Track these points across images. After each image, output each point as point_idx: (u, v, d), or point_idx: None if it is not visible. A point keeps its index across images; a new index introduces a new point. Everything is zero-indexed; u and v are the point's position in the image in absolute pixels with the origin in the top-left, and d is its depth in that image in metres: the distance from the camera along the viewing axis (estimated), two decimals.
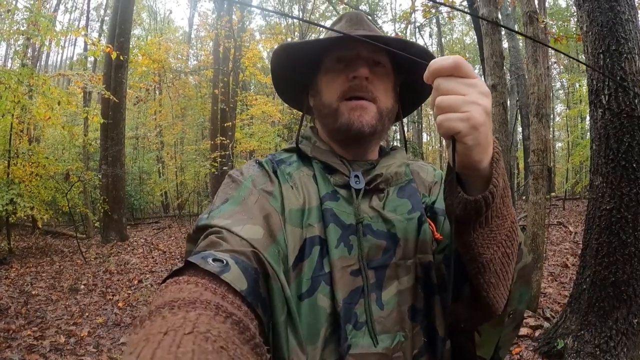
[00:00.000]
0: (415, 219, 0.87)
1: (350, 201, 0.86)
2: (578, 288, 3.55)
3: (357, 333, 0.77)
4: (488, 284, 0.72)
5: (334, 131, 0.93)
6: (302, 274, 0.77)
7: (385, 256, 0.83)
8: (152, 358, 0.40)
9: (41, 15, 6.81)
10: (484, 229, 0.68)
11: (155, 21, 26.45)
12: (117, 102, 10.28)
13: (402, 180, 0.93)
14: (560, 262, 6.63)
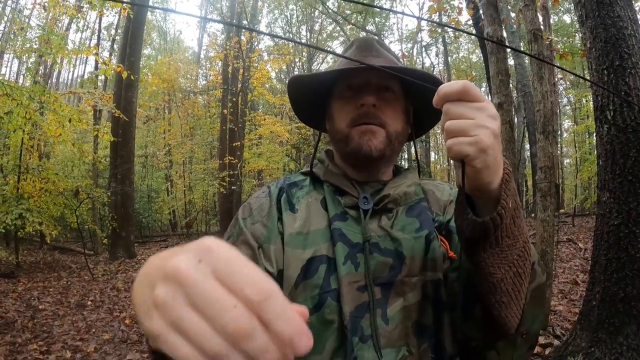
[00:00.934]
0: (423, 237, 0.89)
1: (359, 221, 0.90)
2: (588, 305, 3.50)
3: (363, 346, 0.80)
4: (499, 303, 0.72)
5: (346, 155, 0.98)
6: (308, 291, 0.83)
7: (391, 273, 0.85)
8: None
9: (53, 33, 6.97)
10: (494, 249, 0.68)
11: (165, 41, 26.94)
12: (127, 120, 10.42)
13: (412, 200, 0.96)
14: (570, 280, 6.54)
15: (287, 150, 16.18)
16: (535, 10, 5.26)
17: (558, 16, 17.63)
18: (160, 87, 18.64)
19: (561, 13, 17.60)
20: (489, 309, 0.73)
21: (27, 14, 9.75)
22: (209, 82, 20.22)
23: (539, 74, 5.13)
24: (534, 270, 0.79)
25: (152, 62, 21.82)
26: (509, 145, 5.35)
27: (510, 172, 0.68)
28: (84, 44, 10.69)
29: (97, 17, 13.28)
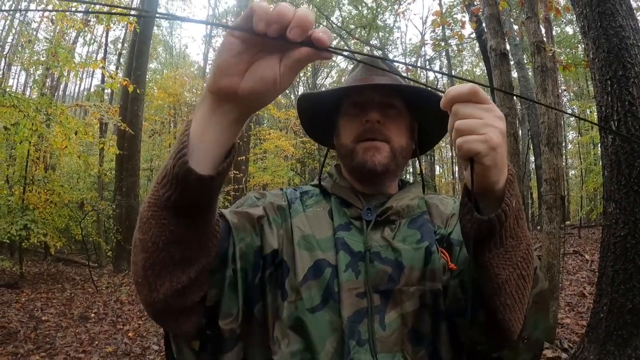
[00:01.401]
0: (423, 248, 0.92)
1: (362, 231, 0.94)
2: (595, 317, 3.46)
3: (360, 349, 0.83)
4: (504, 305, 0.74)
5: (352, 169, 1.03)
6: (313, 290, 0.87)
7: (390, 282, 0.88)
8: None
9: (61, 46, 7.06)
10: (499, 249, 0.70)
11: (171, 55, 27.21)
12: (132, 133, 10.49)
13: (415, 213, 0.99)
14: (577, 292, 6.47)
15: (292, 165, 16.20)
16: (538, 22, 5.30)
17: (560, 28, 17.71)
18: (166, 101, 18.77)
19: (563, 24, 17.69)
20: (494, 312, 0.75)
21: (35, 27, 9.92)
22: None
23: (543, 86, 5.15)
24: (536, 275, 0.81)
25: (158, 76, 22.05)
26: (514, 157, 5.34)
27: (514, 174, 0.71)
28: (91, 57, 10.86)
29: (104, 31, 13.48)
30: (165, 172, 0.65)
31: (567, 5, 6.65)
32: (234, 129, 0.66)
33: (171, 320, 0.79)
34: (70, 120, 7.56)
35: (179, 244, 0.70)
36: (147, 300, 0.74)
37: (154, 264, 0.70)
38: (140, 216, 0.70)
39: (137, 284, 0.74)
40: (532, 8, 5.21)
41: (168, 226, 0.67)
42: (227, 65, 0.60)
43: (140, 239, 0.70)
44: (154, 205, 0.67)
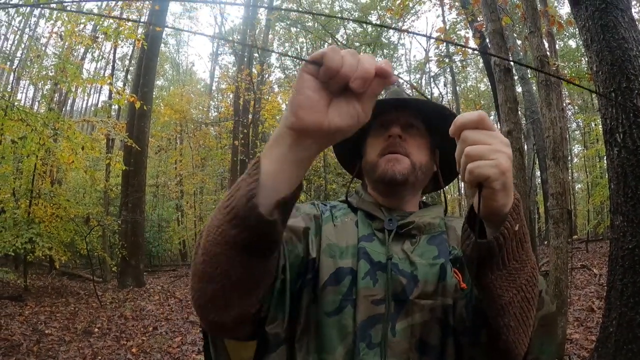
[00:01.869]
0: (439, 265, 0.96)
1: (384, 242, 1.00)
2: (605, 331, 3.42)
3: (369, 352, 0.88)
4: (507, 327, 0.75)
5: (375, 182, 1.10)
6: (331, 295, 0.92)
7: (404, 293, 0.92)
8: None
9: (69, 62, 7.18)
10: (501, 271, 0.72)
11: (177, 73, 27.58)
12: (139, 150, 10.54)
13: (435, 231, 1.04)
14: (585, 306, 6.39)
15: None
16: (541, 37, 5.32)
17: (564, 42, 17.80)
18: (173, 118, 18.94)
19: (566, 38, 17.78)
20: (497, 332, 0.76)
21: (43, 42, 10.08)
22: (221, 114, 20.53)
23: (547, 100, 5.15)
24: (541, 298, 0.83)
25: (165, 93, 22.29)
26: (520, 172, 5.31)
27: (520, 200, 0.73)
28: (99, 73, 11.02)
29: (111, 47, 13.67)
30: (233, 212, 0.65)
31: (569, 19, 6.69)
32: (307, 166, 0.69)
33: (228, 332, 0.86)
34: (77, 135, 7.63)
35: (251, 276, 0.75)
36: (217, 322, 0.79)
37: (226, 293, 0.74)
38: (205, 250, 0.72)
39: (203, 309, 0.78)
40: (535, 23, 5.23)
41: (240, 262, 0.70)
42: (312, 103, 0.62)
43: (208, 272, 0.72)
44: (224, 244, 0.68)
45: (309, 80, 0.62)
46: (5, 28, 9.45)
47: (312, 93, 0.62)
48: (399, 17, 11.97)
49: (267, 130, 18.69)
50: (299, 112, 0.62)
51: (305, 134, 0.64)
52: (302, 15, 19.57)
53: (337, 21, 20.27)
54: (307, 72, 0.62)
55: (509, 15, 7.45)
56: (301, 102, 0.62)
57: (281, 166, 0.65)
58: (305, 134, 0.64)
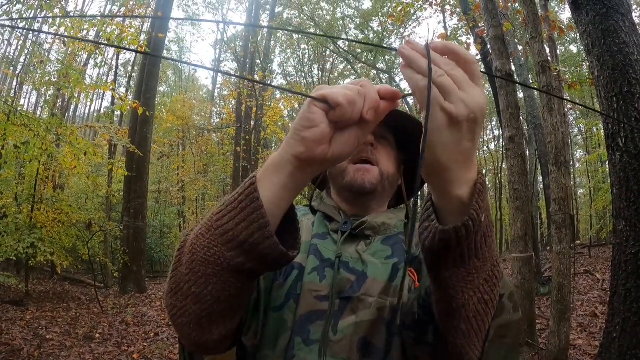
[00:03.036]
0: (391, 264, 0.94)
1: (337, 242, 0.99)
2: (608, 337, 3.39)
3: (305, 348, 0.85)
4: (457, 329, 0.69)
5: (341, 189, 1.08)
6: (277, 291, 0.92)
7: (351, 289, 0.91)
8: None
9: (72, 68, 7.22)
10: (459, 268, 0.63)
11: (180, 79, 27.67)
12: (141, 155, 10.57)
13: (390, 232, 1.03)
14: (589, 312, 6.36)
15: None
16: (542, 42, 5.33)
17: (565, 47, 17.81)
18: (175, 124, 19.00)
19: (568, 43, 17.79)
20: (445, 334, 0.70)
21: (47, 48, 10.15)
22: (223, 120, 20.55)
23: (549, 106, 5.15)
24: (501, 303, 0.76)
25: (167, 99, 22.36)
26: (522, 178, 5.30)
27: (485, 183, 0.63)
28: (102, 79, 11.04)
29: (114, 54, 13.76)
30: (234, 239, 0.66)
31: (570, 24, 6.70)
32: (300, 190, 0.70)
33: (209, 350, 0.84)
34: (80, 141, 7.66)
35: (241, 295, 0.75)
36: (198, 341, 0.77)
37: (212, 313, 0.73)
38: (191, 268, 0.71)
39: (185, 326, 0.75)
40: (536, 28, 5.25)
41: (234, 284, 0.70)
42: (323, 136, 0.63)
43: (194, 292, 0.71)
44: (217, 265, 0.68)
45: (320, 113, 0.63)
46: (8, 33, 9.51)
47: (325, 127, 0.63)
48: (400, 23, 12.01)
49: (269, 137, 18.73)
50: (309, 143, 0.63)
51: (310, 163, 0.65)
52: (303, 22, 19.68)
53: (339, 28, 20.37)
54: (317, 105, 0.63)
55: (510, 21, 7.46)
56: (314, 135, 0.63)
57: (282, 194, 0.67)
58: (309, 164, 0.65)
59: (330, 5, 20.54)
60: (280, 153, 0.66)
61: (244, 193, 0.66)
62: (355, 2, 20.60)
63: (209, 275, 0.69)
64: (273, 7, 19.40)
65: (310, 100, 0.63)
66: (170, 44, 23.56)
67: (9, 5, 6.29)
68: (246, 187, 0.66)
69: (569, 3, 3.94)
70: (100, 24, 7.90)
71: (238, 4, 25.42)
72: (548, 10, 6.81)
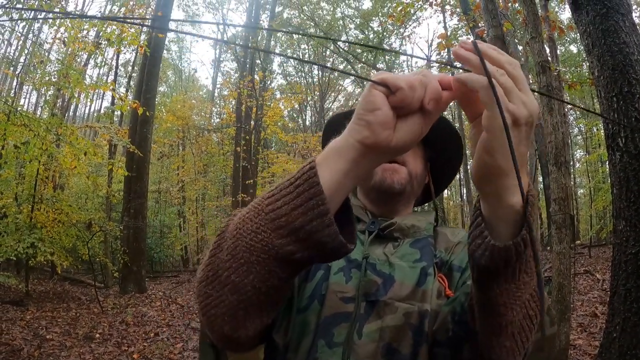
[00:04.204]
0: (419, 268, 0.92)
1: (364, 243, 0.97)
2: (608, 337, 3.39)
3: (328, 351, 0.83)
4: (501, 347, 0.67)
5: (368, 189, 1.07)
6: (302, 292, 0.90)
7: (377, 292, 0.88)
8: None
9: (72, 68, 7.23)
10: (510, 284, 0.62)
11: (180, 79, 27.68)
12: (141, 156, 10.57)
13: (420, 234, 1.01)
14: (589, 312, 6.36)
15: None
16: (542, 42, 5.33)
17: (565, 47, 17.83)
18: (175, 124, 19.00)
19: (567, 43, 17.81)
20: (488, 351, 0.69)
21: (47, 48, 10.15)
22: (223, 120, 20.56)
23: (549, 106, 5.14)
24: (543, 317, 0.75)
25: (167, 100, 22.36)
26: None
27: (535, 194, 0.61)
28: (102, 79, 11.04)
29: (114, 54, 13.74)
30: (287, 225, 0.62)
31: (570, 24, 6.71)
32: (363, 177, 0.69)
33: (239, 347, 0.79)
34: (80, 141, 7.66)
35: (281, 289, 0.70)
36: (230, 336, 0.72)
37: (250, 306, 0.69)
38: (233, 255, 0.66)
39: (218, 317, 0.70)
40: (536, 28, 5.24)
41: (279, 274, 0.65)
42: (387, 119, 0.59)
43: (234, 281, 0.66)
44: (263, 252, 0.63)
45: (381, 96, 0.59)
46: (8, 33, 9.51)
47: (387, 110, 0.59)
48: (400, 23, 12.01)
49: (269, 137, 18.73)
50: (374, 127, 0.59)
51: (374, 149, 0.61)
52: (304, 22, 19.69)
53: (339, 27, 20.37)
54: (377, 89, 0.59)
55: (510, 20, 7.47)
56: (378, 118, 0.59)
57: (343, 181, 0.62)
58: (374, 150, 0.61)
59: (330, 5, 20.55)
60: (344, 137, 0.62)
61: (302, 177, 0.61)
62: (355, 2, 20.61)
63: (252, 262, 0.64)
64: (273, 7, 19.39)
65: (371, 84, 0.60)
66: (171, 44, 23.59)
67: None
68: (305, 171, 0.62)
69: (569, 3, 3.94)
70: (100, 24, 7.90)
71: (238, 4, 25.42)
72: (548, 10, 6.81)
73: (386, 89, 0.59)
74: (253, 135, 15.56)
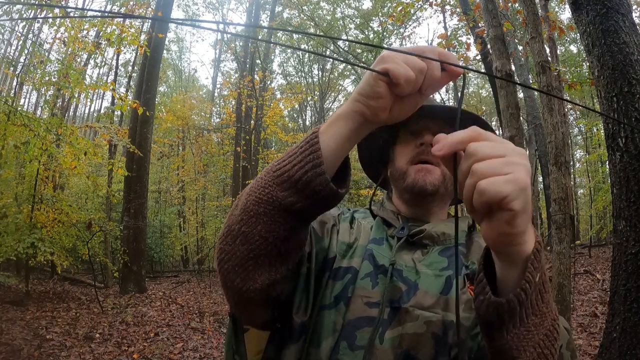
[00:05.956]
0: (445, 277, 0.91)
1: (392, 248, 0.98)
2: (608, 337, 3.39)
3: (350, 353, 0.84)
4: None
5: (402, 191, 1.07)
6: (330, 290, 0.91)
7: (400, 299, 0.89)
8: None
9: (72, 68, 7.22)
10: (519, 329, 0.63)
11: (180, 79, 27.68)
12: (141, 156, 10.57)
13: (450, 242, 0.99)
14: (589, 312, 6.37)
15: None
16: (542, 42, 5.33)
17: (565, 47, 17.80)
18: (175, 124, 18.97)
19: (567, 43, 17.79)
20: None
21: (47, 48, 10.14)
22: (223, 120, 20.51)
23: (549, 106, 5.14)
24: (560, 353, 0.75)
25: (167, 99, 22.35)
26: None
27: (542, 243, 0.64)
28: (102, 79, 11.02)
29: (114, 54, 13.73)
30: (289, 179, 0.72)
31: (570, 24, 6.71)
32: (359, 140, 0.77)
33: (250, 310, 0.86)
34: (80, 141, 7.64)
35: (287, 240, 0.77)
36: (241, 288, 0.79)
37: (259, 255, 0.77)
38: (245, 209, 0.77)
39: (230, 271, 0.79)
40: (536, 28, 5.25)
41: (283, 224, 0.75)
42: (385, 105, 0.70)
43: (244, 231, 0.76)
44: (269, 205, 0.74)
45: (384, 87, 0.68)
46: (9, 33, 9.50)
47: (388, 99, 0.69)
48: (400, 23, 12.01)
49: (269, 137, 18.71)
50: (374, 110, 0.70)
51: (371, 122, 0.73)
52: (303, 22, 19.68)
53: (339, 27, 20.37)
54: (382, 80, 0.67)
55: (510, 21, 7.47)
56: (379, 104, 0.70)
57: (342, 144, 0.73)
58: (371, 123, 0.73)
59: (330, 5, 20.54)
60: (347, 107, 0.73)
61: (306, 141, 0.74)
62: (355, 2, 20.60)
63: (260, 214, 0.74)
64: (273, 7, 19.39)
65: (375, 74, 0.68)
66: (171, 44, 23.60)
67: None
68: (309, 138, 0.73)
69: (569, 3, 3.94)
70: (101, 24, 7.90)
71: (238, 4, 25.42)
72: (548, 10, 6.81)
73: (387, 78, 0.66)
74: (253, 135, 15.54)
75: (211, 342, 6.72)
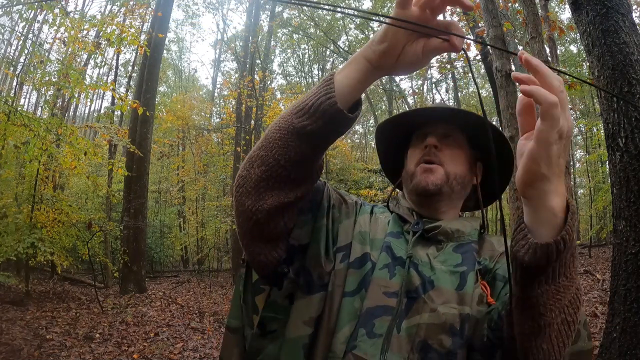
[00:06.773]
0: (459, 272, 0.94)
1: (409, 241, 1.01)
2: (608, 337, 3.39)
3: (368, 340, 0.87)
4: (539, 349, 0.71)
5: (410, 191, 1.11)
6: (353, 277, 0.95)
7: (417, 292, 0.91)
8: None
9: (72, 68, 7.20)
10: (550, 285, 0.67)
11: (180, 79, 27.67)
12: (141, 155, 10.56)
13: (463, 239, 1.02)
14: (589, 312, 6.36)
15: None
16: (542, 42, 5.34)
17: (565, 47, 17.77)
18: (175, 124, 18.97)
19: (567, 43, 17.76)
20: (525, 354, 0.73)
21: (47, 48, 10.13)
22: (223, 120, 20.49)
23: None
24: (578, 331, 0.78)
25: (167, 99, 22.35)
26: None
27: (575, 207, 0.68)
28: (102, 79, 11.00)
29: (114, 54, 13.74)
30: (304, 108, 0.81)
31: (570, 24, 6.71)
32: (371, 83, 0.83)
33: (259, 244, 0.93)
34: (80, 141, 7.63)
35: (297, 165, 0.85)
36: (251, 209, 0.87)
37: (271, 177, 0.85)
38: (265, 137, 0.86)
39: (244, 194, 0.88)
40: (536, 28, 5.25)
41: (294, 148, 0.82)
42: (395, 51, 0.76)
43: (261, 155, 0.85)
44: (285, 130, 0.83)
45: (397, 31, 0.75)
46: (8, 33, 9.50)
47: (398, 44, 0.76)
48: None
49: None
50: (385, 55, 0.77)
51: (379, 68, 0.79)
52: (304, 22, 19.68)
53: (339, 28, 20.36)
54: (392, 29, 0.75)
55: (510, 21, 7.46)
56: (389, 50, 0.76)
57: (354, 85, 0.80)
58: (378, 69, 0.80)
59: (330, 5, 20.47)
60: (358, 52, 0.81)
61: (323, 80, 0.82)
62: (355, 2, 20.60)
63: (276, 139, 0.83)
64: (273, 7, 19.38)
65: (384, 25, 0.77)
66: (171, 44, 23.59)
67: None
68: (326, 78, 0.81)
69: (569, 3, 3.93)
70: (101, 24, 7.89)
71: (238, 4, 25.40)
72: (548, 10, 6.81)
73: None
74: (253, 136, 15.54)
75: (211, 342, 6.72)
